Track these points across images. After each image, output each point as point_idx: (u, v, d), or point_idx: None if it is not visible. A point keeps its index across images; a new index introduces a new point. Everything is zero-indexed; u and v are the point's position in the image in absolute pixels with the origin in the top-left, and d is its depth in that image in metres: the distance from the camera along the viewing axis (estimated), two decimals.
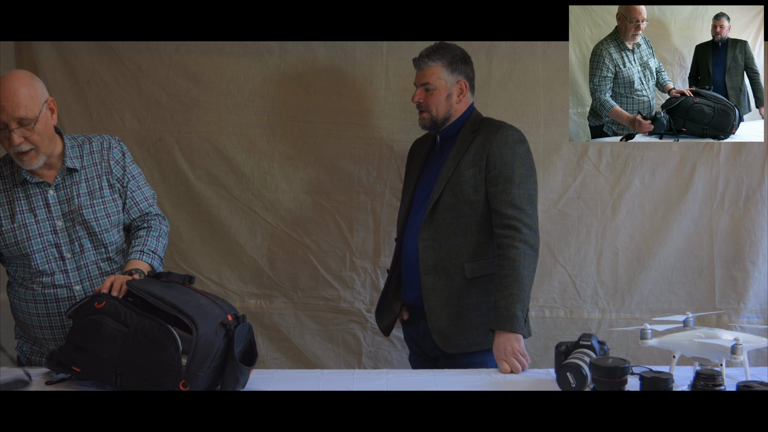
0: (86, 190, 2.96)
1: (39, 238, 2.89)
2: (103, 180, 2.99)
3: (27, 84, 2.78)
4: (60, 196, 2.93)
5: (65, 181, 2.94)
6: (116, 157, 3.04)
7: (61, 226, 2.92)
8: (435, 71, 3.13)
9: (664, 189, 3.80)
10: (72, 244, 2.93)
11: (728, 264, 3.80)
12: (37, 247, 2.89)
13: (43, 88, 2.85)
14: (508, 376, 2.77)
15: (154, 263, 2.95)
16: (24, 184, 2.91)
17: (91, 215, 2.94)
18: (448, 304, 3.07)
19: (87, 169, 2.98)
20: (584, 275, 3.84)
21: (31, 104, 2.76)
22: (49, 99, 2.86)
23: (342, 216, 3.90)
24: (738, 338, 2.42)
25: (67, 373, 2.60)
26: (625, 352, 3.71)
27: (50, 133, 2.88)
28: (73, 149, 2.98)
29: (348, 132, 3.85)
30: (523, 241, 2.93)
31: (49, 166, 2.92)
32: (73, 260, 2.93)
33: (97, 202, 2.96)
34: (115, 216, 3.01)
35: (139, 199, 3.08)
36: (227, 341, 2.47)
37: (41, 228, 2.90)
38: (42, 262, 2.91)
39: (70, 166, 2.94)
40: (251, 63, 3.82)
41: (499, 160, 3.02)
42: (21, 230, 2.88)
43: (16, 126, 2.75)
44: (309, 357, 3.95)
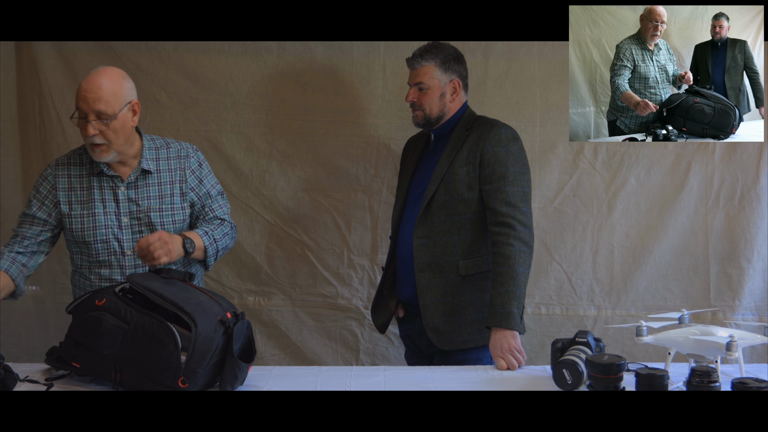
0: (157, 193, 3.02)
1: (104, 229, 2.97)
2: (175, 187, 3.05)
3: (114, 80, 2.88)
4: (131, 194, 3.00)
5: (138, 180, 3.01)
6: (192, 167, 3.11)
7: (126, 223, 2.98)
8: (428, 71, 3.14)
9: (659, 187, 3.81)
10: (134, 241, 2.97)
11: (723, 261, 3.82)
12: (100, 237, 2.96)
13: (130, 89, 2.94)
14: (505, 373, 2.78)
15: (210, 249, 3.00)
16: (100, 175, 2.99)
17: (158, 219, 2.99)
18: (443, 301, 3.08)
19: (161, 173, 3.05)
20: (580, 272, 3.86)
21: (112, 100, 2.84)
22: (134, 101, 2.95)
23: (339, 213, 3.91)
24: (733, 335, 2.44)
25: (66, 369, 2.60)
26: (621, 348, 3.72)
27: (127, 133, 2.94)
28: (150, 151, 3.04)
29: (345, 130, 3.86)
30: (517, 238, 2.94)
31: (124, 163, 2.99)
32: (133, 258, 2.98)
33: (165, 207, 3.02)
34: (181, 224, 3.06)
35: (215, 206, 3.14)
36: (226, 338, 2.48)
37: (108, 220, 2.97)
38: (103, 253, 2.97)
39: (146, 167, 3.00)
40: (249, 62, 3.83)
41: (493, 157, 3.04)
42: (89, 218, 2.97)
43: (93, 118, 2.83)
44: (307, 354, 3.96)
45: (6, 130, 3.86)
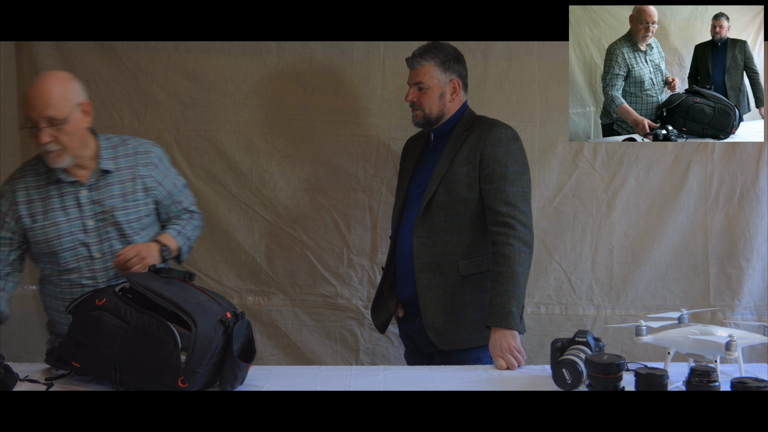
0: (120, 192, 2.98)
1: (69, 237, 2.92)
2: (137, 183, 3.01)
3: (61, 84, 2.82)
4: (93, 196, 2.95)
5: (99, 181, 2.96)
6: (153, 161, 3.07)
7: (92, 226, 2.94)
8: (428, 70, 3.14)
9: (658, 187, 3.82)
10: (101, 244, 2.95)
11: (723, 261, 3.82)
12: (66, 245, 2.92)
13: (78, 90, 2.88)
14: (504, 373, 2.78)
15: (184, 247, 3.05)
16: (57, 183, 2.93)
17: (124, 217, 2.97)
18: (443, 301, 3.08)
19: (122, 171, 3.00)
20: (579, 272, 3.86)
21: (62, 105, 2.79)
22: (84, 101, 2.89)
23: (339, 213, 3.91)
24: (732, 335, 2.44)
25: (66, 369, 2.61)
26: (621, 348, 3.71)
27: (81, 135, 2.89)
28: (107, 150, 2.99)
29: (345, 130, 3.86)
30: (517, 238, 2.94)
31: (82, 166, 2.94)
32: (102, 260, 2.96)
33: (130, 205, 2.99)
34: (146, 219, 3.04)
35: (182, 199, 3.15)
36: (226, 338, 2.49)
37: (72, 226, 2.93)
38: (71, 261, 2.94)
39: (105, 167, 2.96)
40: (249, 62, 3.83)
41: (493, 157, 3.04)
42: (52, 228, 2.91)
43: (45, 125, 2.77)
44: (307, 353, 3.96)
45: (6, 130, 3.85)
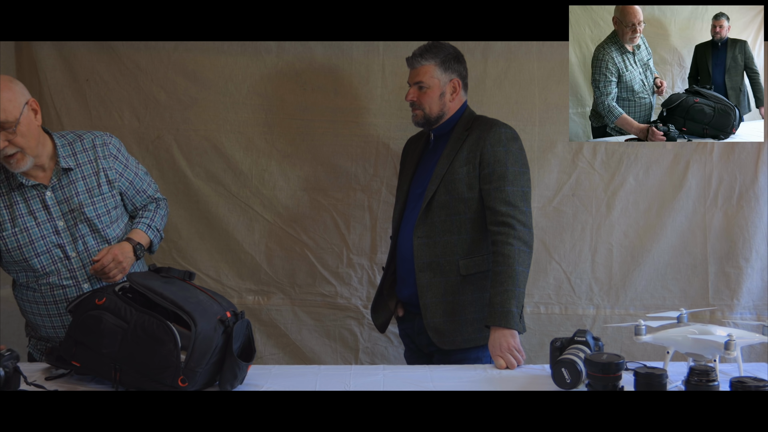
0: (84, 187, 2.96)
1: (42, 240, 2.91)
2: (100, 176, 2.99)
3: (4, 88, 2.75)
4: (58, 196, 2.93)
5: (61, 181, 2.93)
6: (112, 153, 3.04)
7: (62, 226, 2.93)
8: (428, 70, 3.14)
9: (658, 186, 3.82)
10: (75, 243, 2.94)
11: (721, 261, 3.82)
12: (41, 250, 2.90)
13: (23, 90, 2.82)
14: (504, 372, 2.78)
15: (155, 240, 3.06)
16: (20, 188, 2.90)
17: (93, 212, 2.95)
18: (443, 301, 3.08)
19: (82, 167, 2.97)
20: (579, 272, 3.86)
21: (9, 107, 2.73)
22: (30, 100, 2.83)
23: (339, 213, 3.92)
24: (731, 334, 2.43)
25: (66, 368, 2.61)
26: (620, 347, 3.71)
27: (35, 135, 2.84)
28: (64, 148, 2.95)
29: (345, 130, 3.86)
30: (517, 237, 2.95)
31: (41, 167, 2.91)
32: (79, 259, 2.95)
33: (97, 199, 2.97)
34: (115, 211, 3.03)
35: (146, 187, 3.15)
36: (226, 338, 2.49)
37: (43, 230, 2.91)
38: (48, 264, 2.92)
39: (65, 165, 2.93)
40: (249, 61, 3.83)
41: (493, 157, 3.04)
42: (23, 234, 2.89)
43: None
44: (306, 353, 3.97)
45: None
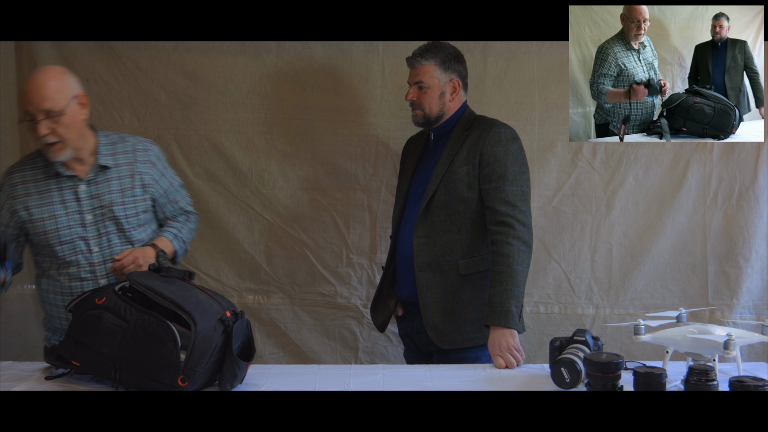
0: (118, 187, 3.02)
1: (67, 230, 2.95)
2: (135, 179, 3.05)
3: (56, 77, 2.86)
4: (91, 191, 2.98)
5: (97, 177, 2.99)
6: (151, 159, 3.10)
7: (90, 220, 2.97)
8: (428, 70, 3.14)
9: (657, 186, 3.82)
10: (100, 238, 2.98)
11: (721, 260, 3.82)
12: (65, 238, 2.95)
13: (73, 83, 2.91)
14: (503, 371, 2.79)
15: (180, 251, 3.10)
16: (57, 177, 2.96)
17: (122, 212, 3.00)
18: (443, 301, 3.09)
19: (120, 167, 3.03)
20: (578, 271, 3.87)
21: (57, 97, 2.82)
22: (80, 94, 2.92)
23: (338, 212, 3.92)
24: (731, 334, 2.44)
25: (66, 368, 2.61)
26: (619, 347, 3.70)
27: (79, 127, 2.92)
28: (106, 147, 3.02)
29: (344, 129, 3.86)
30: (516, 237, 2.95)
31: (80, 160, 2.98)
32: (101, 254, 2.98)
33: (128, 200, 3.02)
34: (144, 215, 3.07)
35: (179, 199, 3.19)
36: (225, 337, 2.49)
37: (70, 220, 2.96)
38: (69, 254, 2.96)
39: (103, 163, 2.99)
40: (249, 61, 3.83)
41: (492, 157, 3.04)
42: (50, 220, 2.95)
43: (42, 117, 2.81)
44: (306, 352, 3.96)
45: (6, 130, 3.86)
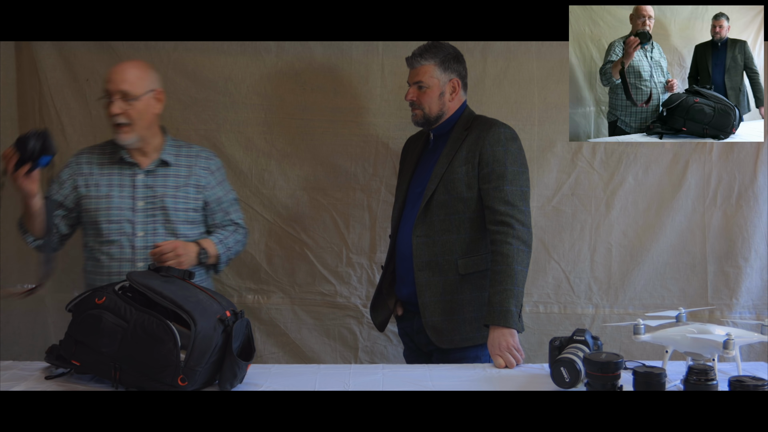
0: (173, 183, 3.20)
1: (118, 211, 3.13)
2: (191, 179, 3.22)
3: (140, 68, 3.13)
4: (148, 181, 3.17)
5: (157, 170, 3.19)
6: (210, 168, 3.29)
7: (140, 207, 3.15)
8: (427, 70, 3.15)
9: (657, 186, 3.82)
10: (146, 224, 3.12)
11: (720, 260, 3.82)
12: (113, 218, 3.12)
13: (155, 78, 3.16)
14: (503, 371, 2.79)
15: (223, 256, 3.18)
16: (119, 163, 3.17)
17: (172, 205, 3.16)
18: (442, 300, 3.09)
19: (180, 167, 3.22)
20: (578, 271, 3.87)
21: (137, 82, 3.07)
22: (158, 89, 3.17)
23: (338, 212, 3.92)
24: (730, 333, 2.44)
25: (66, 367, 2.61)
26: (619, 347, 3.70)
27: (149, 118, 3.15)
28: (171, 147, 3.24)
29: (344, 129, 3.87)
30: (516, 237, 2.95)
31: (144, 153, 3.19)
32: (144, 239, 3.11)
33: (180, 196, 3.19)
34: (194, 213, 3.20)
35: (231, 210, 3.30)
36: (225, 337, 2.49)
37: (122, 203, 3.14)
38: (115, 233, 3.11)
39: (165, 158, 3.19)
40: (248, 61, 3.84)
41: (492, 157, 3.05)
42: (104, 199, 3.14)
43: (118, 97, 3.04)
44: (306, 352, 3.97)
45: (6, 130, 3.86)
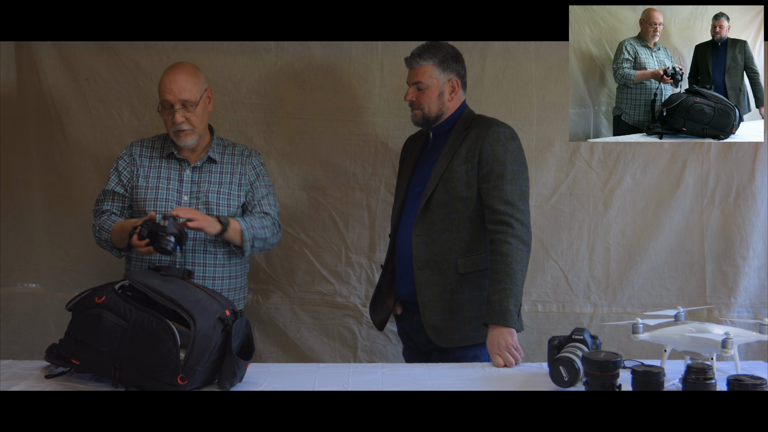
0: (218, 180, 3.31)
1: (164, 202, 3.24)
2: (235, 177, 3.33)
3: (192, 72, 3.23)
4: (194, 177, 3.29)
5: (203, 167, 3.31)
6: (253, 163, 3.40)
7: (186, 201, 3.26)
8: (426, 70, 3.15)
9: (655, 185, 3.83)
10: None
11: (719, 259, 3.83)
12: (159, 209, 3.19)
13: (203, 78, 3.27)
14: (502, 370, 2.80)
15: (246, 234, 3.18)
16: (169, 158, 3.31)
17: (215, 200, 3.26)
18: (441, 299, 3.09)
19: (225, 164, 3.34)
20: (576, 270, 3.87)
21: (194, 89, 3.18)
22: (208, 88, 3.29)
23: (337, 212, 3.92)
24: (728, 332, 2.44)
25: (66, 366, 2.62)
26: (617, 346, 3.72)
27: (205, 118, 3.30)
28: (218, 146, 3.37)
29: (343, 129, 3.87)
30: (515, 236, 2.96)
31: (193, 150, 3.32)
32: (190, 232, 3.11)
33: (223, 191, 3.29)
34: (236, 209, 3.30)
35: (264, 202, 3.34)
36: (225, 336, 2.50)
37: (168, 195, 3.25)
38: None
39: (212, 156, 3.32)
40: (248, 61, 3.84)
41: (491, 156, 3.05)
42: (152, 189, 3.26)
43: (180, 107, 3.16)
44: (305, 351, 3.97)
45: (6, 129, 3.86)
